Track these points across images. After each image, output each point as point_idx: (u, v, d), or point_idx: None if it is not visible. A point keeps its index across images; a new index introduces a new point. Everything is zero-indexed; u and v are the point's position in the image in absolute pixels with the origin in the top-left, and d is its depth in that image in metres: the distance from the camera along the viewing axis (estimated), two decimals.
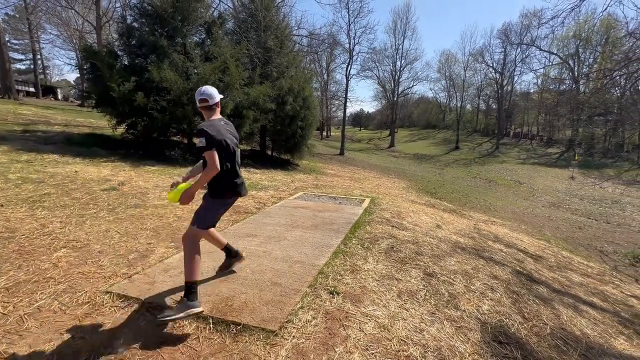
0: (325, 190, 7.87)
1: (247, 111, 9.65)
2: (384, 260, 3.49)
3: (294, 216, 4.86)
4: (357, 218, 4.89)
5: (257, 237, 3.92)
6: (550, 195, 18.62)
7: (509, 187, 21.08)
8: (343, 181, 11.35)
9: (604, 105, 10.62)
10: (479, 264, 3.80)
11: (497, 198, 16.17)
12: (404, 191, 11.91)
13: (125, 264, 3.07)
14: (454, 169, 29.63)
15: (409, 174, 21.58)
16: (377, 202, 6.36)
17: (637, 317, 3.60)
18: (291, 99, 11.36)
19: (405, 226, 4.81)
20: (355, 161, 25.77)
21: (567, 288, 3.87)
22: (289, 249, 3.59)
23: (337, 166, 18.99)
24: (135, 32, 8.60)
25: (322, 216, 4.93)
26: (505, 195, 17.95)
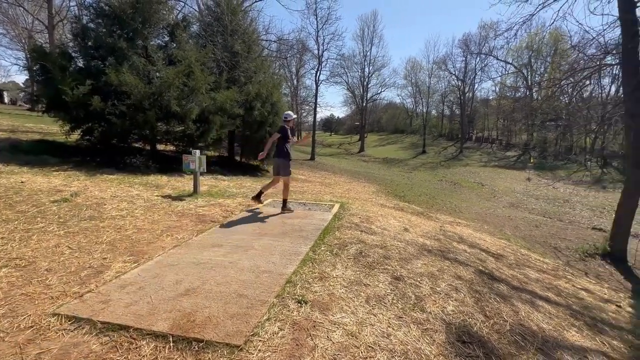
0: (295, 196, 7.81)
1: (214, 116, 9.42)
2: (352, 266, 3.50)
3: (262, 224, 4.77)
4: (327, 224, 4.88)
5: (223, 247, 3.80)
6: (510, 196, 19.71)
7: (472, 189, 22.08)
8: (313, 186, 11.34)
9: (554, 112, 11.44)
10: (444, 265, 3.91)
11: (461, 200, 16.87)
12: (374, 195, 12.11)
13: (76, 282, 2.85)
14: (421, 173, 30.62)
15: (379, 178, 22.01)
16: (346, 207, 6.40)
17: (586, 309, 3.86)
18: (259, 105, 11.24)
19: (374, 230, 4.86)
20: (326, 166, 25.92)
21: (525, 284, 4.08)
22: (257, 258, 3.51)
23: (307, 171, 18.99)
24: (91, 32, 8.15)
25: (291, 223, 4.88)
26: (469, 196, 18.77)
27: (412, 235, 5.10)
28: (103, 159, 8.07)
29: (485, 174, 29.21)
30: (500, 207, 15.79)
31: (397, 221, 5.98)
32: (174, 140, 9.42)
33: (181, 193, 6.49)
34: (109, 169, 7.52)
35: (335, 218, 5.33)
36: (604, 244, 7.70)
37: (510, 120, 44.54)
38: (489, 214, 13.33)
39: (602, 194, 20.00)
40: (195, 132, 9.03)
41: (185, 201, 5.86)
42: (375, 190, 14.16)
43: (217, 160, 12.48)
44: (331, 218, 5.27)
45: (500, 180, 26.33)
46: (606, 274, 6.40)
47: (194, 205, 5.63)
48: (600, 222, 13.20)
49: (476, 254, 4.91)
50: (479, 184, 24.25)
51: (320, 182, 13.65)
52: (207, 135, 9.37)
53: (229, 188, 7.87)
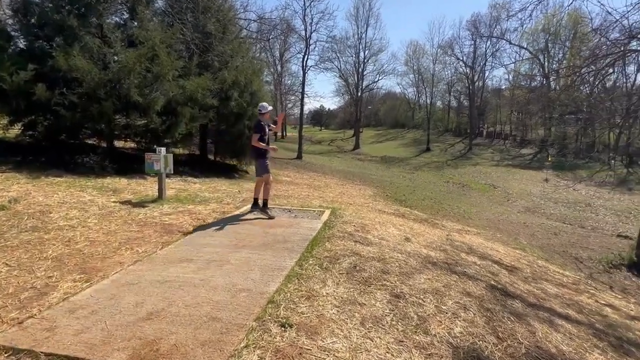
0: (279, 201, 7.80)
1: (183, 108, 9.35)
2: (345, 282, 3.51)
3: (240, 234, 4.75)
4: (315, 234, 4.89)
5: (193, 262, 3.76)
6: (525, 200, 20.10)
7: (483, 191, 22.43)
8: (300, 190, 11.35)
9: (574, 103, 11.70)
10: (451, 280, 3.95)
11: (471, 204, 17.12)
12: (370, 200, 12.18)
13: (15, 306, 2.77)
14: (425, 173, 30.96)
15: (376, 180, 22.15)
16: (339, 213, 6.42)
17: (611, 327, 3.95)
18: (236, 94, 11.21)
19: (370, 241, 4.89)
20: (315, 166, 25.95)
21: (542, 301, 4.16)
22: (233, 274, 3.48)
23: (293, 172, 18.98)
24: (34, 7, 7.98)
25: (274, 233, 4.87)
26: (479, 200, 19.06)
27: (415, 245, 5.14)
28: (49, 159, 7.89)
29: (498, 175, 29.73)
30: (514, 213, 16.07)
31: (398, 230, 6.03)
32: (135, 136, 9.32)
33: (143, 198, 6.41)
34: (56, 170, 7.36)
35: (325, 227, 5.33)
36: (630, 253, 7.91)
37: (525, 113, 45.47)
38: (502, 220, 13.56)
39: (628, 196, 20.58)
40: (161, 126, 8.95)
41: (148, 208, 5.78)
42: (372, 194, 14.24)
43: (187, 159, 12.38)
44: (321, 227, 5.28)
45: (515, 181, 26.84)
46: (633, 287, 6.58)
47: (159, 213, 5.56)
48: (627, 229, 13.57)
49: (487, 266, 4.98)
50: (490, 186, 24.65)
51: (308, 185, 13.65)
52: (175, 130, 9.29)
53: (201, 192, 7.80)
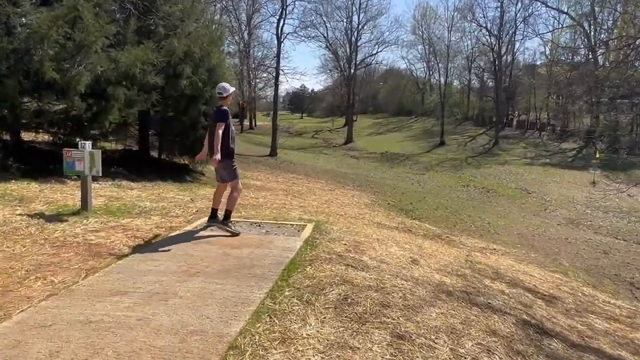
0: (246, 212, 7.77)
1: (116, 88, 9.24)
2: (332, 319, 3.50)
3: (192, 257, 4.71)
4: (293, 255, 4.89)
5: (129, 295, 3.70)
6: (567, 208, 20.54)
7: (513, 198, 22.82)
8: (274, 197, 11.32)
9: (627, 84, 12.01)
10: (471, 315, 4.00)
11: (498, 215, 17.39)
12: (367, 209, 12.23)
13: None
14: (438, 175, 31.32)
15: (375, 183, 22.29)
16: (325, 228, 6.43)
17: None
18: (189, 70, 11.14)
19: (366, 264, 4.90)
20: (295, 165, 25.96)
21: (588, 340, 4.24)
22: (183, 311, 3.44)
23: (265, 174, 18.94)
24: None
25: (239, 255, 4.85)
26: (509, 210, 19.39)
27: (424, 270, 5.18)
28: None
29: (532, 176, 30.32)
30: (553, 225, 16.40)
31: (402, 249, 6.06)
32: (50, 126, 9.11)
33: (61, 210, 6.29)
34: None
35: (306, 246, 5.34)
36: None
37: (566, 96, 46.56)
38: (537, 235, 13.81)
39: None
40: (85, 112, 8.81)
41: (67, 223, 5.68)
42: (369, 202, 14.32)
43: (122, 156, 12.21)
44: (300, 246, 5.29)
45: (554, 184, 27.42)
46: None
47: (83, 230, 5.48)
48: None
49: (518, 296, 5.06)
50: (522, 191, 25.12)
51: (284, 191, 13.63)
52: (105, 118, 9.16)
53: (141, 201, 7.71)
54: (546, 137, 46.48)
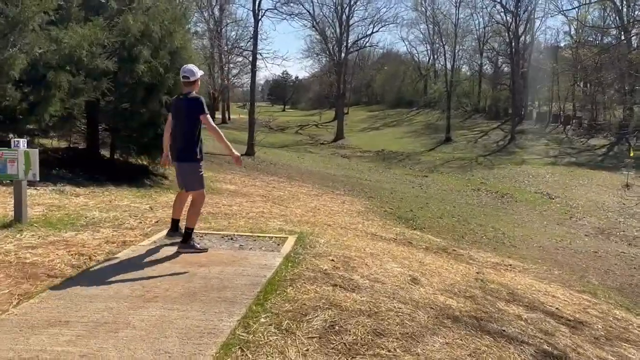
0: (216, 223, 7.73)
1: (58, 74, 9.16)
2: (317, 351, 3.47)
3: (150, 278, 4.67)
4: (272, 274, 4.86)
5: (70, 325, 3.63)
6: (597, 216, 20.75)
7: (533, 204, 23.01)
8: (251, 204, 11.28)
9: None
10: (482, 346, 3.98)
11: (514, 224, 17.51)
12: (360, 218, 12.24)
13: None
14: (444, 177, 31.49)
15: (369, 187, 22.33)
16: (309, 241, 6.41)
17: None
18: (147, 53, 11.07)
19: (357, 284, 4.88)
20: (276, 166, 25.93)
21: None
22: (136, 344, 3.38)
23: (240, 176, 18.87)
24: None
25: (206, 275, 4.81)
26: (528, 218, 19.53)
27: (426, 290, 5.17)
28: None
29: (555, 178, 30.60)
30: (580, 236, 16.55)
31: (400, 265, 6.05)
32: None
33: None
34: None
35: (288, 262, 5.31)
36: None
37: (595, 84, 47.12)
38: (561, 248, 13.92)
39: None
40: (21, 103, 8.73)
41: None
42: (362, 209, 14.33)
43: (66, 156, 12.10)
44: (280, 263, 5.26)
45: (581, 188, 27.67)
46: None
47: (16, 246, 5.40)
48: None
49: (539, 321, 5.06)
50: (544, 196, 25.34)
51: (263, 197, 13.59)
52: (44, 110, 9.09)
53: (88, 210, 7.63)
54: (571, 132, 46.82)
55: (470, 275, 6.49)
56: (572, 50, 49.67)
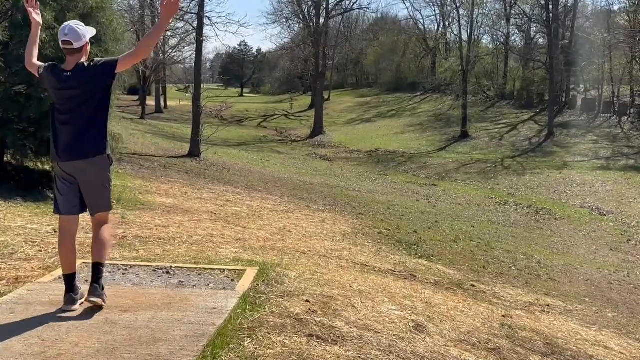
0: (146, 251, 7.68)
1: None
2: None
3: (53, 328, 4.57)
4: (223, 322, 4.80)
5: None
6: None
7: (578, 222, 23.27)
8: (195, 225, 11.20)
9: None
10: None
11: (553, 250, 17.67)
12: (346, 242, 12.22)
13: None
14: (458, 186, 31.70)
15: (359, 201, 22.36)
16: (276, 275, 6.38)
17: None
18: (49, 15, 10.96)
19: (340, 334, 4.86)
20: (230, 172, 25.84)
21: None
22: None
23: (181, 185, 18.73)
24: None
25: (132, 323, 4.74)
26: (571, 241, 19.73)
27: (435, 340, 5.17)
28: None
29: (607, 188, 30.93)
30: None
31: (400, 307, 6.05)
32: None
33: None
34: None
35: (245, 305, 5.26)
36: None
37: None
38: (616, 282, 14.07)
39: None
40: None
41: None
42: (349, 231, 14.32)
43: None
44: (235, 305, 5.21)
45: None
46: None
47: None
48: None
49: None
50: (592, 212, 25.64)
51: (212, 214, 13.51)
52: None
53: None
54: (629, 126, 47.17)
55: (494, 320, 6.51)
56: (630, 15, 50.37)
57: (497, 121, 51.86)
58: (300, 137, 49.20)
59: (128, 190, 14.56)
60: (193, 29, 36.36)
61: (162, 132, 39.53)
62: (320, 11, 51.15)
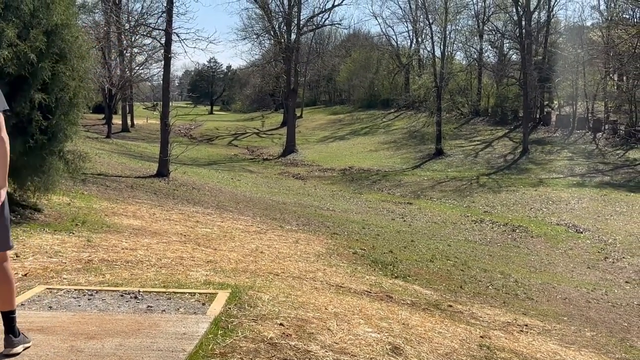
0: (112, 275, 7.60)
1: None
2: None
3: None
4: (193, 347, 4.76)
5: None
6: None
7: (555, 240, 23.47)
8: (164, 247, 11.12)
9: None
10: None
11: (530, 268, 17.78)
12: (320, 263, 12.20)
13: None
14: (434, 204, 31.86)
15: (333, 220, 22.36)
16: (249, 298, 6.35)
17: None
18: (12, 32, 10.87)
19: (316, 356, 4.83)
20: (200, 192, 25.74)
21: None
22: None
23: (150, 206, 18.60)
24: None
25: (98, 351, 4.68)
26: (548, 259, 19.88)
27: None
28: None
29: (583, 205, 31.29)
30: (620, 284, 16.92)
31: (376, 329, 6.03)
32: None
33: None
34: None
35: (217, 330, 5.23)
36: None
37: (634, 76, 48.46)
38: (594, 300, 14.18)
39: None
40: None
41: None
42: (323, 251, 14.30)
43: None
44: (206, 330, 5.18)
45: (618, 217, 28.31)
46: None
47: None
48: None
49: None
50: (569, 229, 25.89)
51: (182, 235, 13.42)
52: None
53: None
54: (604, 142, 47.83)
55: (472, 341, 6.51)
56: (603, 31, 51.19)
57: (471, 138, 52.34)
58: (272, 156, 49.21)
59: (93, 212, 14.43)
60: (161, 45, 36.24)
61: (129, 152, 39.28)
62: (291, 27, 51.37)
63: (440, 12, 54.64)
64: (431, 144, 48.89)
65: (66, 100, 12.10)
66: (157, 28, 36.41)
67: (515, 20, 51.76)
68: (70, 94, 12.17)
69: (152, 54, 51.44)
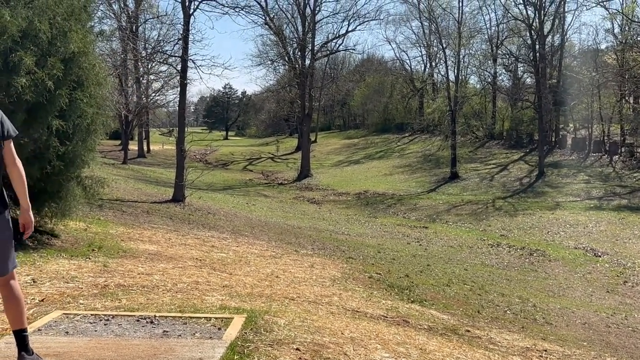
0: (129, 300, 7.60)
1: None
2: None
3: None
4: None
5: None
6: None
7: (573, 264, 23.26)
8: (180, 272, 11.12)
9: None
10: None
11: (549, 292, 17.61)
12: (336, 287, 12.16)
13: None
14: (450, 228, 31.71)
15: (348, 244, 22.30)
16: (264, 323, 6.32)
17: None
18: (31, 60, 10.95)
19: None
20: (216, 217, 25.75)
21: None
22: None
23: (165, 231, 18.62)
24: None
25: None
26: (566, 284, 19.69)
27: None
28: None
29: (601, 228, 31.02)
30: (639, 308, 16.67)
31: (393, 354, 6.00)
32: None
33: None
34: None
35: (233, 355, 5.20)
36: None
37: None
38: (614, 325, 14.01)
39: None
40: None
41: None
42: (339, 276, 14.25)
43: None
44: (222, 355, 5.15)
45: (636, 241, 28.07)
46: None
47: None
48: None
49: None
50: (587, 253, 25.66)
51: (197, 260, 13.41)
52: None
53: None
54: (620, 165, 47.55)
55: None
56: (617, 54, 51.07)
57: (486, 161, 52.18)
58: (287, 180, 49.24)
59: (110, 237, 14.46)
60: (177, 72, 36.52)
61: (145, 177, 39.46)
62: (305, 53, 51.60)
63: (454, 37, 54.70)
64: (446, 168, 48.78)
65: (84, 127, 12.14)
66: (173, 55, 36.68)
67: (529, 44, 51.59)
68: (88, 121, 12.21)
69: (168, 80, 51.83)
